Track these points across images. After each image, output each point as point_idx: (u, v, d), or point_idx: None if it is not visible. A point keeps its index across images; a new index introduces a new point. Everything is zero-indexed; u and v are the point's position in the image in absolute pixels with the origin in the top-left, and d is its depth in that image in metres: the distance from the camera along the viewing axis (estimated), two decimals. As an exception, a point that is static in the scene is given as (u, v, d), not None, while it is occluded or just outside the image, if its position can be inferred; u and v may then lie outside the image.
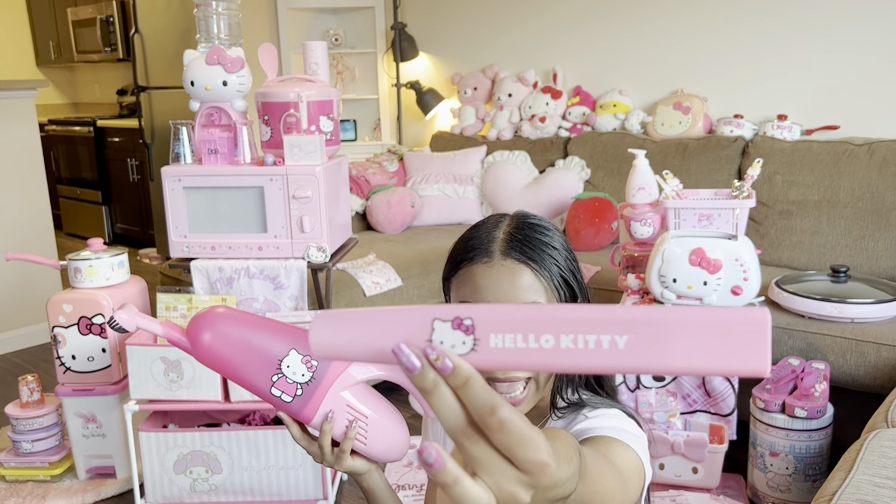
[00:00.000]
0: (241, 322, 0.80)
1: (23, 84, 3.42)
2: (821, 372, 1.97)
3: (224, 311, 0.81)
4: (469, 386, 0.44)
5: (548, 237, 0.90)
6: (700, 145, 3.00)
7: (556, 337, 0.45)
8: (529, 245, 0.87)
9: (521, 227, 0.90)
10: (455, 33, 3.94)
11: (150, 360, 1.94)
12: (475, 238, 0.90)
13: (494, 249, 0.87)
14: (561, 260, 0.88)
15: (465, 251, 0.89)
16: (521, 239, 0.88)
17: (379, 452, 0.88)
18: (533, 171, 3.40)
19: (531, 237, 0.88)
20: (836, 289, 2.22)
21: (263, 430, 1.98)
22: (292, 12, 4.18)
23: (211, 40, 2.14)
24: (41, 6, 6.02)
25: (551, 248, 0.89)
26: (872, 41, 2.75)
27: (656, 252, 2.13)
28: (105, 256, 2.19)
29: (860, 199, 2.58)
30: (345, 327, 0.50)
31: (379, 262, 2.75)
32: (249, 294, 2.14)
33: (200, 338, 0.79)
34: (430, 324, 0.47)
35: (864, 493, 1.19)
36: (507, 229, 0.90)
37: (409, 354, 0.44)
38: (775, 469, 1.98)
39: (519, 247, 0.87)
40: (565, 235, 0.96)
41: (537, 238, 0.89)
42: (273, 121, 2.14)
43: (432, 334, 0.47)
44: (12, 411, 2.26)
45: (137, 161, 5.18)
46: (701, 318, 0.43)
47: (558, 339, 0.45)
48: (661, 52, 3.28)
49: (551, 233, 0.91)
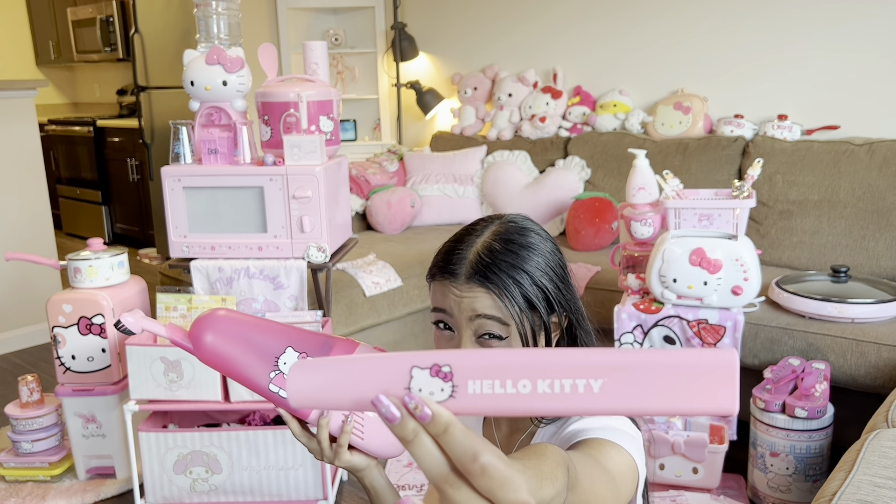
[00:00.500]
0: (239, 323, 0.84)
1: (23, 84, 3.42)
2: (821, 372, 1.97)
3: (224, 313, 0.85)
4: (449, 433, 0.44)
5: (521, 259, 0.90)
6: (700, 145, 3.00)
7: (533, 382, 0.46)
8: (495, 269, 0.88)
9: (493, 248, 0.90)
10: (455, 33, 3.94)
11: (149, 361, 1.94)
12: (451, 253, 0.92)
13: (461, 273, 0.89)
14: (527, 284, 0.89)
15: (440, 263, 0.92)
16: (489, 262, 0.89)
17: (377, 447, 0.89)
18: (533, 171, 3.40)
19: (500, 261, 0.89)
20: (836, 289, 2.22)
21: (263, 430, 1.98)
22: (292, 12, 4.18)
23: (211, 40, 2.14)
24: (41, 6, 6.02)
25: (520, 270, 0.89)
26: (873, 41, 2.75)
27: (656, 252, 2.13)
28: (105, 256, 2.18)
29: (860, 199, 2.58)
30: (323, 376, 0.50)
31: (379, 262, 2.74)
32: (249, 294, 2.14)
33: (202, 339, 0.83)
34: (408, 371, 0.48)
35: (864, 494, 1.19)
36: (480, 248, 0.91)
37: (389, 405, 0.45)
38: (776, 469, 1.98)
39: (483, 272, 0.88)
40: (554, 245, 0.95)
41: (507, 261, 0.89)
42: (273, 121, 2.14)
43: (411, 382, 0.48)
44: (12, 411, 2.26)
45: (137, 161, 5.17)
46: (672, 361, 0.45)
47: (535, 384, 0.46)
48: (661, 52, 3.28)
49: (528, 252, 0.91)
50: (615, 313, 2.22)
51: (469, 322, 0.89)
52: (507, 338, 0.89)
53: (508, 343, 0.89)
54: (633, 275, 2.31)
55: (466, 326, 0.89)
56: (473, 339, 0.90)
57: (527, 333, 0.89)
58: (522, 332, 0.89)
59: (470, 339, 0.90)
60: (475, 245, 0.91)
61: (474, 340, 0.90)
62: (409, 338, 2.82)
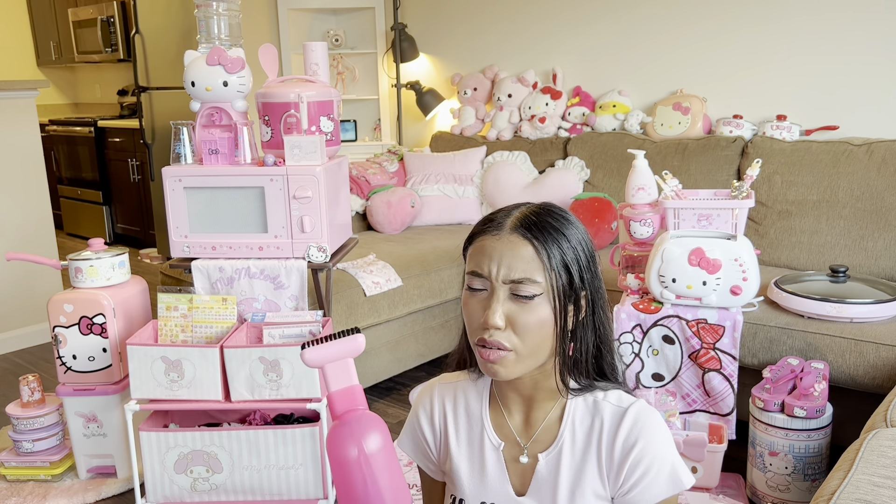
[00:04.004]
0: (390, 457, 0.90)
1: (24, 84, 3.43)
2: (820, 372, 1.97)
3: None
4: None
5: (562, 226, 0.96)
6: (699, 145, 3.00)
7: None
8: (539, 227, 0.94)
9: (540, 211, 0.97)
10: (455, 34, 3.95)
11: (150, 360, 1.94)
12: (495, 215, 0.98)
13: (506, 224, 0.95)
14: (566, 248, 0.94)
15: (483, 223, 0.98)
16: (534, 221, 0.95)
17: None
18: (533, 171, 3.41)
19: (544, 221, 0.95)
20: (835, 289, 2.22)
21: (264, 430, 1.98)
22: (292, 13, 4.18)
23: (211, 41, 2.14)
24: (42, 6, 6.03)
25: (561, 234, 0.95)
26: (872, 41, 2.76)
27: (656, 252, 2.14)
28: (106, 256, 2.19)
29: (859, 200, 2.59)
30: None
31: (379, 262, 2.75)
32: (250, 294, 2.15)
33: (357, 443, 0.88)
34: None
35: (863, 493, 1.19)
36: (526, 211, 0.97)
37: None
38: (774, 469, 1.98)
39: (528, 225, 0.94)
40: (587, 232, 1.00)
41: (550, 223, 0.95)
42: (273, 121, 2.15)
43: None
44: (13, 411, 2.27)
45: (138, 161, 5.18)
46: None
47: None
48: (661, 52, 3.29)
49: (569, 225, 0.97)
50: (614, 313, 2.22)
51: (506, 277, 0.92)
52: (539, 295, 0.92)
53: (539, 304, 0.93)
54: (633, 275, 2.31)
55: (501, 284, 0.93)
56: (507, 296, 0.93)
57: (559, 293, 0.93)
58: (556, 291, 0.93)
59: (504, 296, 0.93)
60: (520, 209, 0.98)
61: (508, 296, 0.93)
62: (409, 338, 2.83)
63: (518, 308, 0.93)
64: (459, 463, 1.06)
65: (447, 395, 1.09)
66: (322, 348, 0.91)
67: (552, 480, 1.00)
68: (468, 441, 1.06)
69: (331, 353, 0.91)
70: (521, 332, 0.93)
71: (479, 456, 1.05)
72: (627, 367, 2.23)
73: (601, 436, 0.98)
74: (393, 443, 0.90)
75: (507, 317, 0.93)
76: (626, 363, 2.23)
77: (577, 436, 1.00)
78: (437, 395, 1.10)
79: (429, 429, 1.09)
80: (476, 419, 1.06)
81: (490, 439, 1.04)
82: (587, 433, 0.99)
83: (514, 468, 1.03)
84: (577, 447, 0.99)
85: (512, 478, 1.03)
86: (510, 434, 1.04)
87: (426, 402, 1.10)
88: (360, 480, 0.84)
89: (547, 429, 1.01)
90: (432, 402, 1.09)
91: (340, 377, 0.91)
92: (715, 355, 2.13)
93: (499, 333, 0.93)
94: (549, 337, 0.94)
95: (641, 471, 0.95)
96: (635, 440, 0.95)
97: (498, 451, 1.04)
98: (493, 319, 0.92)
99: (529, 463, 1.02)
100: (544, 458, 1.00)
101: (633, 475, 0.95)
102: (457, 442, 1.07)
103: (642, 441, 0.95)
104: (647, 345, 2.21)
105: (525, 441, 1.03)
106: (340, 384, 0.91)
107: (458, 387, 1.09)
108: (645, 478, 0.95)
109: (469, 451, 1.06)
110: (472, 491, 1.04)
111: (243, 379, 1.94)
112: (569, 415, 1.00)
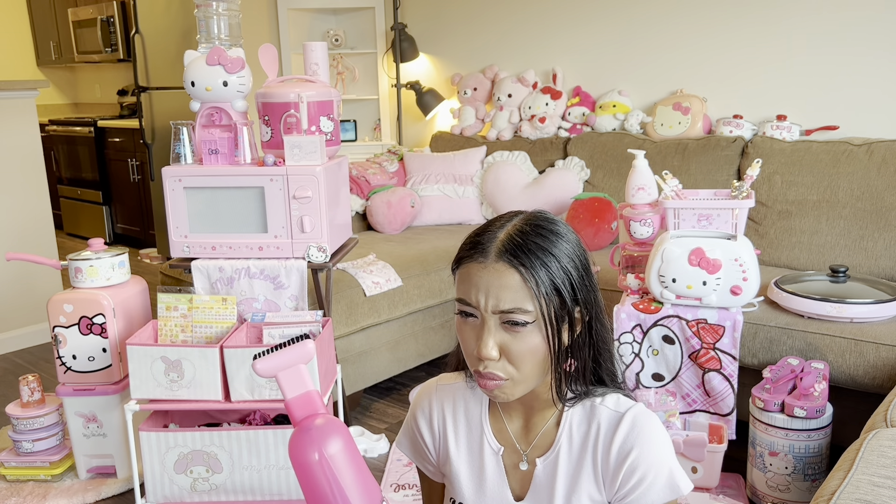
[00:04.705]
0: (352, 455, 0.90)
1: (23, 84, 3.43)
2: (820, 372, 1.97)
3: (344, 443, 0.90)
4: None
5: (550, 244, 0.92)
6: (699, 145, 3.00)
7: None
8: (524, 250, 0.91)
9: (524, 231, 0.93)
10: (455, 34, 3.95)
11: (150, 360, 1.94)
12: (480, 235, 0.95)
13: (491, 250, 0.91)
14: (555, 269, 0.91)
15: (468, 248, 0.94)
16: (519, 243, 0.91)
17: None
18: (533, 171, 3.41)
19: (529, 242, 0.91)
20: (835, 289, 2.22)
21: (264, 430, 1.98)
22: (292, 13, 4.18)
23: (211, 41, 2.14)
24: (42, 6, 6.03)
25: (549, 255, 0.91)
26: (872, 41, 2.76)
27: (656, 252, 2.14)
28: (106, 256, 2.19)
29: (859, 200, 2.59)
30: None
31: (379, 262, 2.75)
32: (250, 294, 2.15)
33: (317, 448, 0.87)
34: None
35: (863, 493, 1.19)
36: (511, 231, 0.93)
37: None
38: (775, 469, 1.98)
39: (513, 250, 0.91)
40: (578, 238, 0.99)
41: (535, 243, 0.92)
42: (273, 121, 2.15)
43: None
44: (13, 411, 2.27)
45: (138, 161, 5.18)
46: None
47: None
48: (661, 52, 3.29)
49: (558, 240, 0.94)
50: (614, 313, 2.22)
51: (495, 307, 0.90)
52: (532, 323, 0.90)
53: (531, 331, 0.91)
54: (633, 275, 2.31)
55: (491, 314, 0.91)
56: (498, 325, 0.91)
57: (551, 318, 0.91)
58: (547, 317, 0.90)
59: (495, 326, 0.91)
60: (506, 228, 0.94)
61: (499, 325, 0.91)
62: (409, 338, 2.83)
63: (511, 337, 0.91)
64: (459, 467, 1.06)
65: (446, 398, 1.09)
66: (272, 358, 0.91)
67: (549, 485, 1.00)
68: (468, 445, 1.06)
69: (281, 361, 0.91)
70: (515, 361, 0.92)
71: (478, 460, 1.05)
72: (627, 367, 2.23)
73: (597, 441, 0.98)
74: (355, 443, 0.89)
75: (500, 346, 0.91)
76: (625, 363, 2.23)
77: (574, 440, 0.99)
78: (435, 398, 1.09)
79: (428, 432, 1.09)
80: (476, 424, 1.06)
81: (490, 444, 1.04)
82: (584, 438, 0.99)
83: (513, 473, 1.03)
84: (574, 452, 0.99)
85: (511, 482, 1.03)
86: (509, 439, 1.04)
87: (425, 406, 1.10)
88: (325, 484, 0.85)
89: (545, 434, 1.01)
90: (431, 406, 1.09)
91: (295, 384, 0.91)
92: (715, 355, 2.13)
93: (493, 364, 0.92)
94: (544, 360, 0.93)
95: (638, 477, 0.94)
96: (631, 446, 0.95)
97: (497, 456, 1.03)
98: (486, 351, 0.90)
99: (528, 468, 1.02)
100: (542, 463, 1.00)
101: (630, 481, 0.95)
102: (456, 446, 1.06)
103: (638, 447, 0.95)
104: (647, 345, 2.21)
105: (524, 446, 1.03)
106: (296, 391, 0.90)
107: (457, 390, 1.09)
108: (641, 484, 0.94)
109: (469, 456, 1.06)
110: (471, 495, 1.04)
111: (243, 379, 1.94)
112: (566, 419, 1.00)
